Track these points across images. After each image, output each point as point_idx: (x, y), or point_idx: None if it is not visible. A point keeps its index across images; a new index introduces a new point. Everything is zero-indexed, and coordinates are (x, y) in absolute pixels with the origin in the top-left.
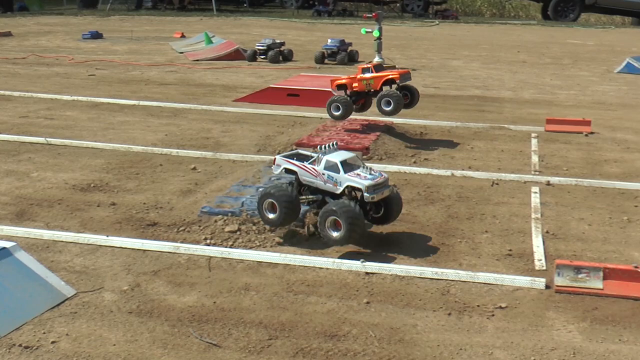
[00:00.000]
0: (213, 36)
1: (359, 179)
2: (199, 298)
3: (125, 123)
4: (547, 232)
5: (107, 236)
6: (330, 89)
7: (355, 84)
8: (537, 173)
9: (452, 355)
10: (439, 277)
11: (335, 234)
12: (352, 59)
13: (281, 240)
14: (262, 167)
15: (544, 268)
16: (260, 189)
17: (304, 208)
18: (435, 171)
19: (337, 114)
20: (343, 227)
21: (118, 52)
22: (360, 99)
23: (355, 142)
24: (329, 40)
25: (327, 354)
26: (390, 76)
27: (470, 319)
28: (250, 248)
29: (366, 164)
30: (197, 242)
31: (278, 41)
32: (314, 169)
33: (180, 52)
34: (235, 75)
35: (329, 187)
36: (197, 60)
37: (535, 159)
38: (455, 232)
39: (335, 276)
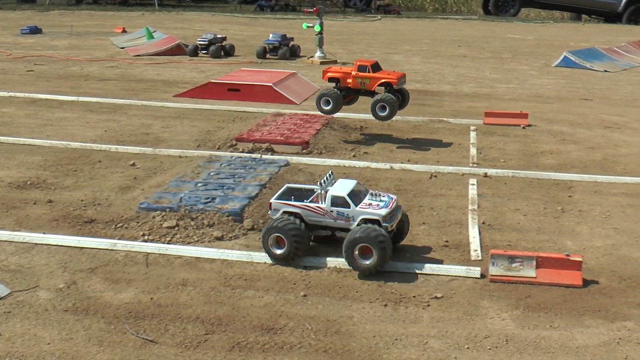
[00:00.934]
0: (154, 31)
1: (374, 210)
2: (136, 294)
3: (63, 119)
4: (483, 223)
5: (44, 234)
6: (271, 84)
7: (349, 80)
8: (475, 165)
9: (387, 345)
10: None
11: (367, 262)
12: (294, 53)
13: (219, 235)
14: (201, 163)
15: (480, 258)
16: (264, 226)
17: (243, 202)
18: (374, 164)
19: (327, 108)
20: (375, 253)
21: (58, 48)
22: (349, 95)
23: (296, 137)
24: (271, 35)
25: (264, 347)
26: (387, 79)
27: (406, 310)
28: (189, 244)
29: (369, 188)
30: (135, 239)
31: (220, 36)
32: (319, 207)
33: (122, 47)
34: (177, 70)
35: (340, 223)
36: (138, 55)
37: (473, 151)
38: None
39: (273, 270)
